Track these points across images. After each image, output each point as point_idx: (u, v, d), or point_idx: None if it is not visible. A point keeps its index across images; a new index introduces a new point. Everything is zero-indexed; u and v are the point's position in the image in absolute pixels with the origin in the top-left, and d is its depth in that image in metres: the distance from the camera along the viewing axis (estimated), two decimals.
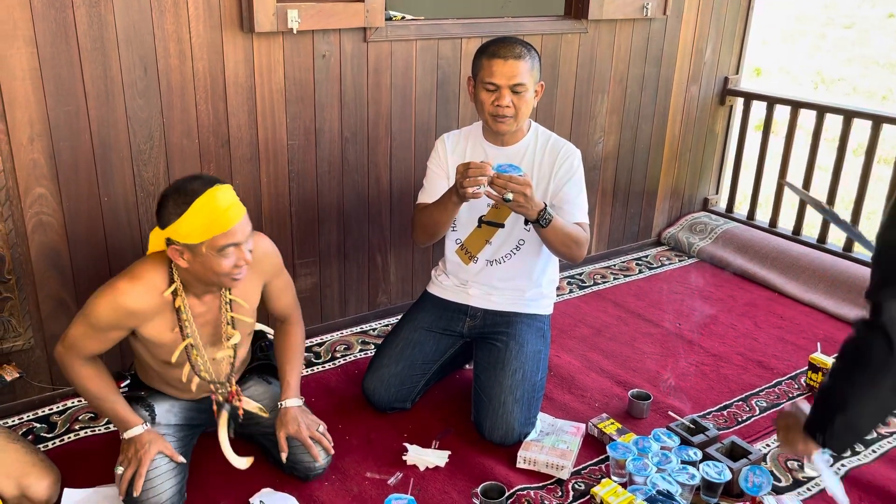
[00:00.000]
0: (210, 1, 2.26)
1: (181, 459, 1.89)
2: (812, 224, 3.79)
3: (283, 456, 1.96)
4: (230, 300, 1.92)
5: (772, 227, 3.67)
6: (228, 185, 1.78)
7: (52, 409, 2.34)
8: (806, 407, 1.55)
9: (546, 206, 2.08)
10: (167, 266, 1.82)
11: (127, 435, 1.87)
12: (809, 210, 3.44)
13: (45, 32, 2.05)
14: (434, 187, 2.30)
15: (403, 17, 2.83)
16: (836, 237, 3.61)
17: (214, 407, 1.98)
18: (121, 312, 1.78)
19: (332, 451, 2.04)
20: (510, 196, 1.97)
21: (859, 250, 3.45)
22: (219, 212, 1.70)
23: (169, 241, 1.75)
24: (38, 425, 2.27)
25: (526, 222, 2.19)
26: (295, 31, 2.39)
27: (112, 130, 2.23)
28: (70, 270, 2.28)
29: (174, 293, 1.82)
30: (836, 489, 1.67)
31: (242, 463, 1.98)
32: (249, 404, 2.01)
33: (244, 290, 1.94)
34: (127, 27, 2.16)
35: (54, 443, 2.19)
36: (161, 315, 1.83)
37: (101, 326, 1.81)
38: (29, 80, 2.06)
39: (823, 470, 1.63)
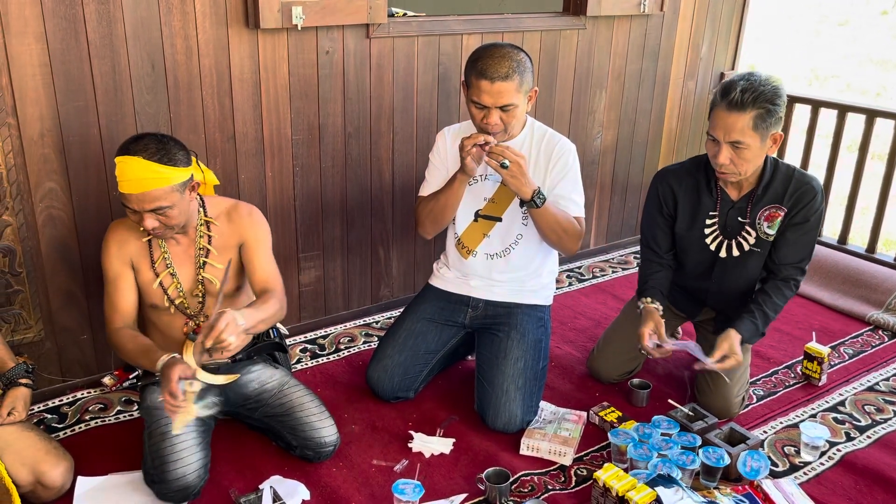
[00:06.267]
0: None
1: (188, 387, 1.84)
2: None
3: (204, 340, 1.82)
4: (206, 248, 2.06)
5: None
6: (157, 165, 1.83)
7: (62, 400, 2.38)
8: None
9: (540, 188, 2.13)
10: None
11: (158, 365, 1.87)
12: None
13: (55, 29, 2.08)
14: (435, 180, 2.35)
15: (405, 14, 2.86)
16: (831, 230, 3.66)
17: (185, 331, 2.09)
18: (116, 244, 2.02)
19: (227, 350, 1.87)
20: (507, 163, 2.05)
21: (853, 242, 3.52)
22: (123, 176, 1.85)
23: None
24: (49, 416, 2.30)
25: (522, 204, 2.22)
26: (299, 28, 2.43)
27: (120, 126, 2.26)
28: (79, 264, 2.32)
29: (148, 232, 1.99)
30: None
31: (220, 379, 2.01)
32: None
33: (222, 241, 2.08)
34: (135, 24, 2.20)
35: (65, 433, 2.23)
36: (144, 250, 2.04)
37: (110, 266, 2.02)
38: (39, 76, 2.10)
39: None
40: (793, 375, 2.64)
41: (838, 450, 2.23)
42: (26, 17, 2.03)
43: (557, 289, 3.19)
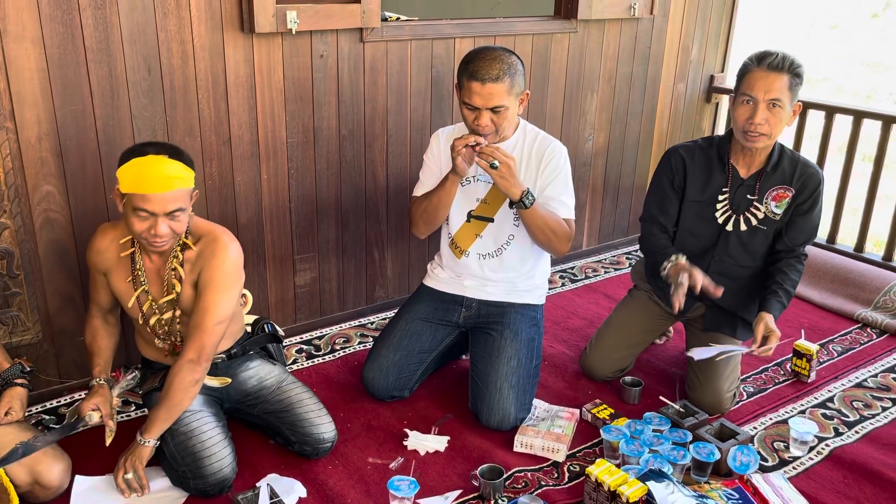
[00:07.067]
0: (212, 3, 2.33)
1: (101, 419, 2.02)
2: None
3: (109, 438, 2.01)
4: (177, 269, 2.01)
5: None
6: (180, 164, 1.87)
7: (59, 401, 2.40)
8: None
9: (529, 189, 2.17)
10: None
11: (89, 385, 2.07)
12: None
13: (53, 34, 2.11)
14: (429, 180, 2.38)
15: (398, 18, 2.90)
16: (820, 231, 3.69)
17: (166, 347, 2.11)
18: (93, 251, 2.05)
19: (145, 491, 1.97)
20: (496, 163, 2.08)
21: (844, 242, 3.56)
22: (146, 175, 1.81)
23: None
24: (47, 417, 2.32)
25: (511, 205, 2.26)
26: (294, 32, 2.46)
27: (117, 129, 2.29)
28: (77, 266, 2.34)
29: (132, 244, 2.02)
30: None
31: (214, 382, 2.10)
32: None
33: (189, 266, 2.01)
34: (131, 29, 2.22)
35: None
36: (121, 265, 2.04)
37: (89, 266, 2.09)
38: (37, 80, 2.12)
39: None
40: (782, 372, 2.68)
41: (827, 445, 2.27)
42: (24, 22, 2.06)
43: (550, 289, 3.22)
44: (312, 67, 2.59)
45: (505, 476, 2.06)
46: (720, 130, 3.94)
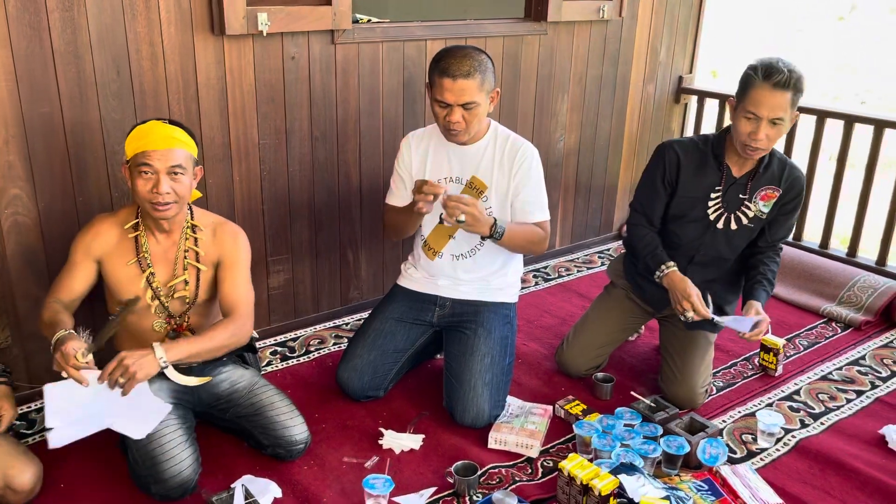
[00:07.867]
0: (181, 4, 2.32)
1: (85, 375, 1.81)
2: None
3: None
4: (194, 250, 2.10)
5: None
6: (182, 129, 1.99)
7: (30, 406, 2.37)
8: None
9: (496, 220, 2.19)
10: (137, 209, 2.08)
11: (55, 339, 1.84)
12: None
13: (20, 35, 2.09)
14: (399, 190, 2.41)
15: (370, 20, 2.91)
16: None
17: (167, 329, 2.11)
18: (91, 234, 2.05)
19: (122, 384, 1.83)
20: (462, 218, 2.10)
21: (809, 239, 3.63)
22: (148, 134, 1.94)
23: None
24: (18, 422, 2.29)
25: (483, 239, 2.28)
26: (265, 34, 2.46)
27: (86, 131, 2.27)
28: (46, 270, 2.32)
29: (135, 228, 2.05)
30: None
31: (193, 381, 2.04)
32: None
33: (202, 252, 2.11)
34: (100, 30, 2.21)
35: (34, 438, 2.23)
36: (121, 249, 2.05)
37: (75, 252, 2.04)
38: (3, 82, 2.10)
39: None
40: (750, 367, 2.73)
41: (793, 436, 2.32)
42: None
43: (524, 288, 3.25)
44: (284, 69, 2.59)
45: (479, 473, 2.08)
46: (689, 131, 4.00)
